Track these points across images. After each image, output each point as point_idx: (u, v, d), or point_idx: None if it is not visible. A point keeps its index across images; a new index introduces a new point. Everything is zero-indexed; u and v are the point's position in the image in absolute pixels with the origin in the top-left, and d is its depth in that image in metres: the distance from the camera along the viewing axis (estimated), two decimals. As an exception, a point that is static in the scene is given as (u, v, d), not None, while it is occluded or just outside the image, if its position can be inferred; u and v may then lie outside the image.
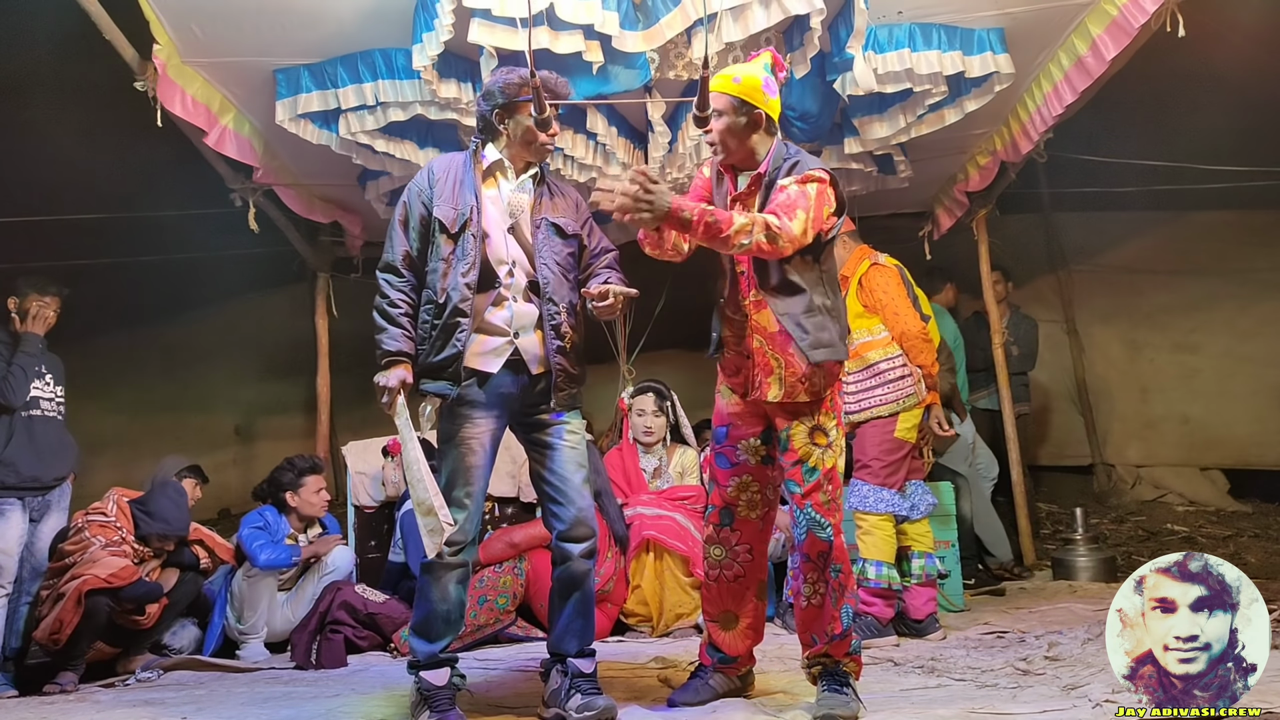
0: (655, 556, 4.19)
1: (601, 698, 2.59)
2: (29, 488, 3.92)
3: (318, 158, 4.48)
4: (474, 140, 2.82)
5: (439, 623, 2.62)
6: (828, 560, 2.55)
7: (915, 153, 4.77)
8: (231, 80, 4.01)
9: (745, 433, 2.69)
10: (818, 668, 2.58)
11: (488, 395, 2.65)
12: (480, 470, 2.64)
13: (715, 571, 2.75)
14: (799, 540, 2.58)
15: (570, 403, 2.73)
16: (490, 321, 2.66)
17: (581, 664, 2.66)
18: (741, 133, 2.59)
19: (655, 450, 4.63)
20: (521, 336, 2.68)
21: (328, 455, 5.75)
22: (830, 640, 2.54)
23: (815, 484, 2.54)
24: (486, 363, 2.65)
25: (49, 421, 4.02)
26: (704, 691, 2.71)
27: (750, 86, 2.57)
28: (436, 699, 2.57)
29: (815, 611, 2.58)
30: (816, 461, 2.55)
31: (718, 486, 2.73)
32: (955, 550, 4.52)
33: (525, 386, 2.69)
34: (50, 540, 4.02)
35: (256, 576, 4.11)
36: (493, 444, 2.67)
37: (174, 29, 3.64)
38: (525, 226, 2.73)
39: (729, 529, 2.72)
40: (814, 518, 2.54)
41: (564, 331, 2.68)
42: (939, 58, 3.80)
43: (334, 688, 3.28)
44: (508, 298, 2.68)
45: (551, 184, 2.82)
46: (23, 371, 3.87)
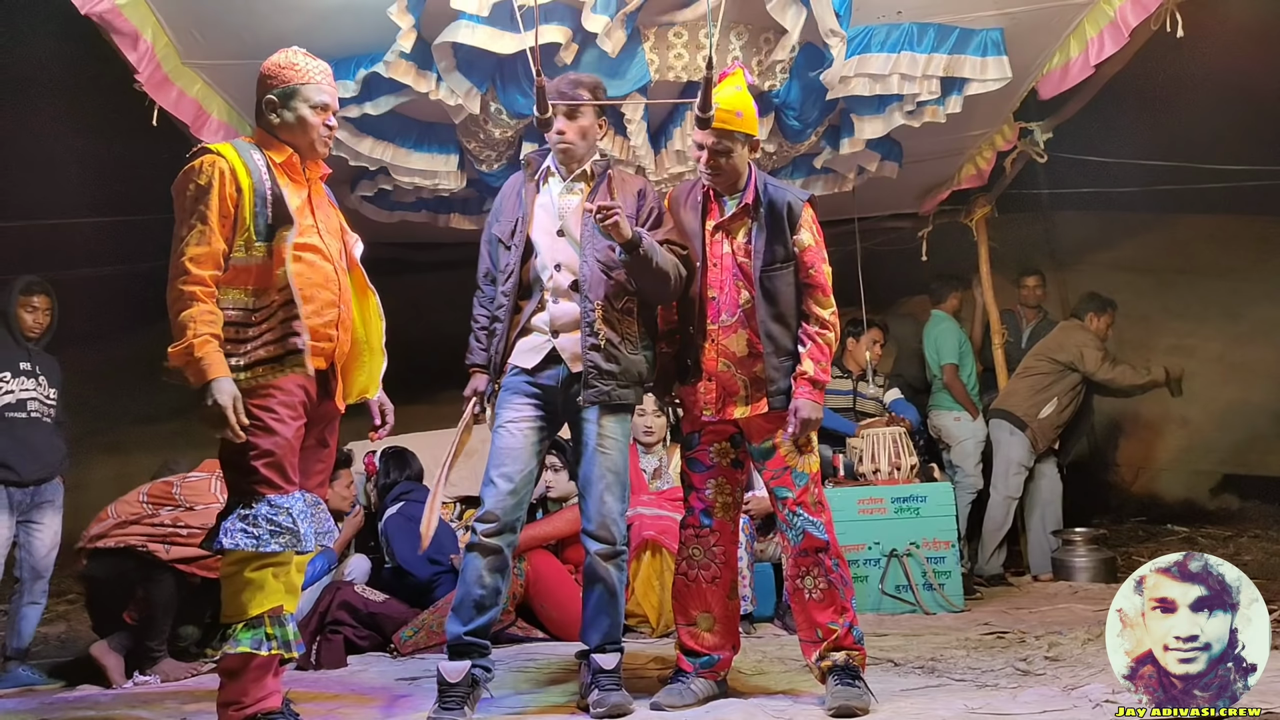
0: (655, 557, 4.19)
1: (616, 694, 2.64)
2: (9, 482, 3.91)
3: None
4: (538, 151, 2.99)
5: (469, 606, 2.65)
6: (827, 553, 2.64)
7: (915, 154, 4.77)
8: (230, 83, 4.01)
9: (717, 438, 2.80)
10: (828, 662, 2.60)
11: (527, 384, 2.76)
12: (515, 453, 2.69)
13: (694, 572, 2.80)
14: (795, 542, 2.67)
15: (602, 399, 2.72)
16: (532, 324, 2.80)
17: (603, 660, 2.71)
18: (739, 163, 2.72)
19: (655, 450, 4.63)
20: (561, 336, 2.76)
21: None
22: (844, 630, 2.60)
23: (804, 488, 2.67)
24: (526, 359, 2.78)
25: (35, 423, 4.01)
26: (687, 695, 2.69)
27: (750, 118, 2.71)
28: (447, 696, 2.58)
29: (819, 603, 2.64)
30: (804, 466, 2.68)
31: (695, 490, 2.82)
32: (955, 551, 4.53)
33: (565, 382, 2.76)
34: (48, 541, 4.02)
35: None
36: (534, 430, 2.73)
37: (174, 31, 3.65)
38: (575, 227, 2.79)
39: (709, 530, 2.79)
40: (807, 519, 2.65)
41: (598, 329, 2.71)
42: (936, 58, 3.81)
43: (334, 688, 3.27)
44: (549, 300, 2.78)
45: (612, 180, 2.84)
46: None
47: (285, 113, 2.51)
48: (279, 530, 2.32)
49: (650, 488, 4.52)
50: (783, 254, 2.69)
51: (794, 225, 2.70)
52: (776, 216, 2.69)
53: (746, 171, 2.75)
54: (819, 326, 2.68)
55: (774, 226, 2.69)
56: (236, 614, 2.33)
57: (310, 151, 2.56)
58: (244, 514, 2.32)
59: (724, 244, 2.76)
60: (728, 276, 2.73)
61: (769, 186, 2.74)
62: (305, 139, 2.53)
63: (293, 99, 2.50)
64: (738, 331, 2.72)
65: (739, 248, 2.73)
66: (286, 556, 2.38)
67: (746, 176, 2.75)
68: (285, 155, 2.52)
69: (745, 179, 2.75)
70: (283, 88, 2.50)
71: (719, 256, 2.75)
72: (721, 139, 2.66)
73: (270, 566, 2.35)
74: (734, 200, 2.76)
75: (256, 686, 2.35)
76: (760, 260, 2.67)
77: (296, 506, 2.38)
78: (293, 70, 2.52)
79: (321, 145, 2.56)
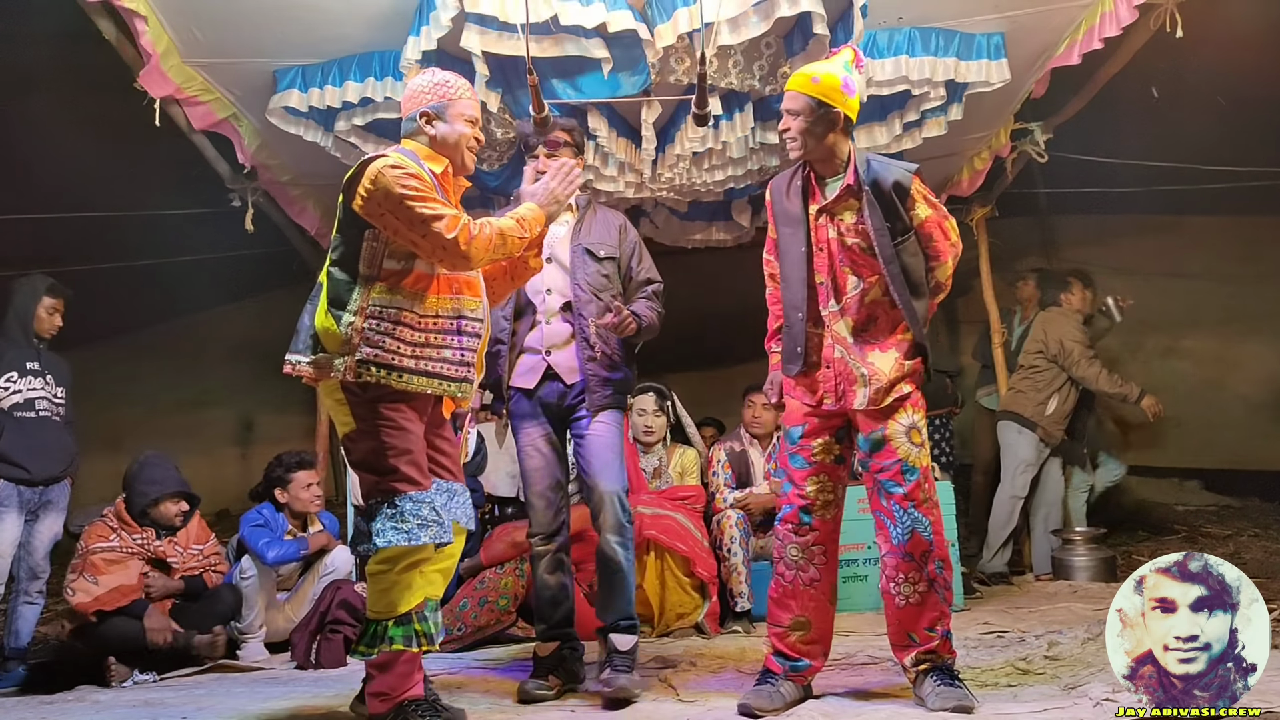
0: (655, 556, 4.19)
1: (625, 676, 2.80)
2: (20, 480, 3.91)
3: (319, 159, 4.48)
4: None
5: (545, 604, 3.04)
6: (929, 557, 2.56)
7: (914, 154, 4.77)
8: (231, 81, 4.01)
9: (822, 432, 2.69)
10: (925, 665, 2.55)
11: (531, 406, 3.05)
12: (541, 471, 3.03)
13: (790, 574, 2.69)
14: (900, 540, 2.57)
15: (605, 404, 3.00)
16: (528, 344, 3.06)
17: (618, 640, 2.91)
18: (820, 133, 2.62)
19: (655, 450, 4.64)
20: (554, 353, 3.04)
21: (328, 455, 5.75)
22: (941, 636, 2.55)
23: (915, 483, 2.57)
24: (526, 379, 3.05)
25: (44, 422, 4.01)
26: (776, 699, 2.59)
27: (829, 86, 2.61)
28: (538, 668, 2.96)
29: (915, 610, 2.56)
30: (915, 460, 2.58)
31: (794, 486, 2.71)
32: (955, 550, 4.52)
33: (562, 394, 3.04)
34: (47, 542, 4.02)
35: (254, 577, 4.11)
36: (549, 446, 3.05)
37: (174, 30, 3.64)
38: (564, 254, 3.07)
39: (808, 529, 2.69)
40: (916, 517, 2.56)
41: (593, 343, 2.99)
42: (933, 66, 3.81)
43: (334, 687, 3.27)
44: (540, 320, 3.05)
45: (593, 214, 3.16)
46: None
47: (440, 125, 2.57)
48: (426, 524, 2.40)
49: (650, 487, 4.52)
50: (902, 228, 2.61)
51: (905, 200, 2.61)
52: (884, 194, 2.59)
53: (845, 151, 2.65)
54: (934, 293, 2.72)
55: (884, 204, 2.59)
56: (386, 611, 2.39)
57: (460, 167, 2.63)
58: (390, 513, 2.39)
59: (829, 228, 2.66)
60: (835, 261, 2.66)
61: (871, 163, 2.63)
62: (457, 152, 2.60)
63: (447, 113, 2.57)
64: (847, 316, 2.64)
65: (847, 229, 2.63)
66: (429, 550, 2.44)
67: (846, 156, 2.64)
68: (443, 166, 2.58)
69: (845, 159, 2.64)
70: (438, 103, 2.57)
71: (824, 241, 2.67)
72: (792, 101, 2.62)
73: (421, 562, 2.42)
74: (836, 182, 2.66)
75: (405, 680, 2.42)
76: (883, 238, 2.58)
77: (439, 500, 2.47)
78: (445, 87, 2.60)
79: (469, 158, 2.63)
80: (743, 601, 4.23)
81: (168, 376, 6.61)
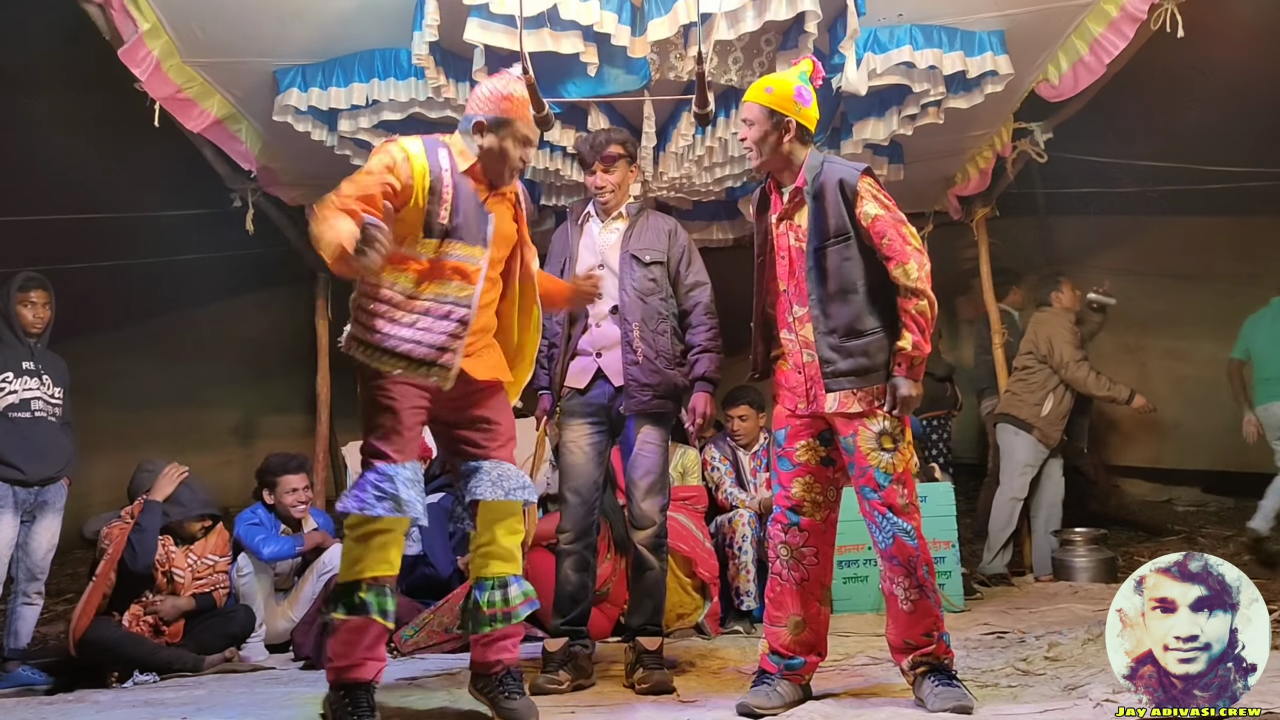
0: (655, 557, 4.18)
1: (659, 672, 2.98)
2: (14, 481, 3.90)
3: (318, 159, 4.48)
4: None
5: (565, 600, 3.15)
6: (916, 562, 2.55)
7: (914, 154, 4.77)
8: (232, 81, 4.00)
9: (804, 434, 2.71)
10: (923, 667, 2.55)
11: (583, 406, 3.19)
12: (580, 469, 3.15)
13: (785, 573, 2.71)
14: (884, 546, 2.57)
15: (643, 409, 3.13)
16: (580, 346, 3.23)
17: (646, 641, 3.07)
18: (774, 142, 2.65)
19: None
20: (605, 355, 3.18)
21: (327, 455, 5.75)
22: (938, 639, 2.55)
23: (890, 489, 2.55)
24: (578, 380, 3.21)
25: (39, 423, 4.00)
26: (774, 698, 2.59)
27: (781, 96, 2.65)
28: (549, 663, 3.08)
29: (909, 618, 2.56)
30: (887, 466, 2.55)
31: (782, 489, 2.73)
32: (955, 550, 4.53)
33: (612, 396, 3.18)
34: (45, 543, 4.01)
35: (250, 574, 4.10)
36: (593, 447, 3.17)
37: (175, 29, 3.64)
38: (615, 260, 3.22)
39: (796, 530, 2.70)
40: (896, 523, 2.54)
41: (636, 347, 3.12)
42: (938, 57, 3.81)
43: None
44: (591, 324, 3.22)
45: (645, 220, 3.28)
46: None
47: (490, 138, 2.57)
48: (384, 497, 2.41)
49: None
50: (837, 228, 2.59)
51: (851, 199, 2.59)
52: (829, 193, 2.60)
53: (801, 158, 2.67)
54: (908, 296, 2.54)
55: (827, 204, 2.60)
56: (342, 575, 2.45)
57: (499, 180, 2.63)
58: (360, 481, 2.46)
59: (788, 235, 2.69)
60: (795, 267, 2.67)
61: (824, 166, 2.64)
62: (499, 168, 2.60)
63: (501, 129, 2.57)
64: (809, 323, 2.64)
65: (801, 234, 2.66)
66: (386, 523, 2.43)
67: (801, 162, 2.67)
68: (468, 164, 2.59)
69: (800, 164, 2.67)
70: (494, 116, 2.57)
71: (785, 248, 2.70)
72: (746, 111, 2.66)
73: (376, 535, 2.42)
74: (788, 190, 2.69)
75: (350, 650, 2.42)
76: (810, 241, 2.60)
77: (402, 475, 2.45)
78: (507, 103, 2.59)
79: (509, 176, 2.64)
80: (748, 600, 4.23)
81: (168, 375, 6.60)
